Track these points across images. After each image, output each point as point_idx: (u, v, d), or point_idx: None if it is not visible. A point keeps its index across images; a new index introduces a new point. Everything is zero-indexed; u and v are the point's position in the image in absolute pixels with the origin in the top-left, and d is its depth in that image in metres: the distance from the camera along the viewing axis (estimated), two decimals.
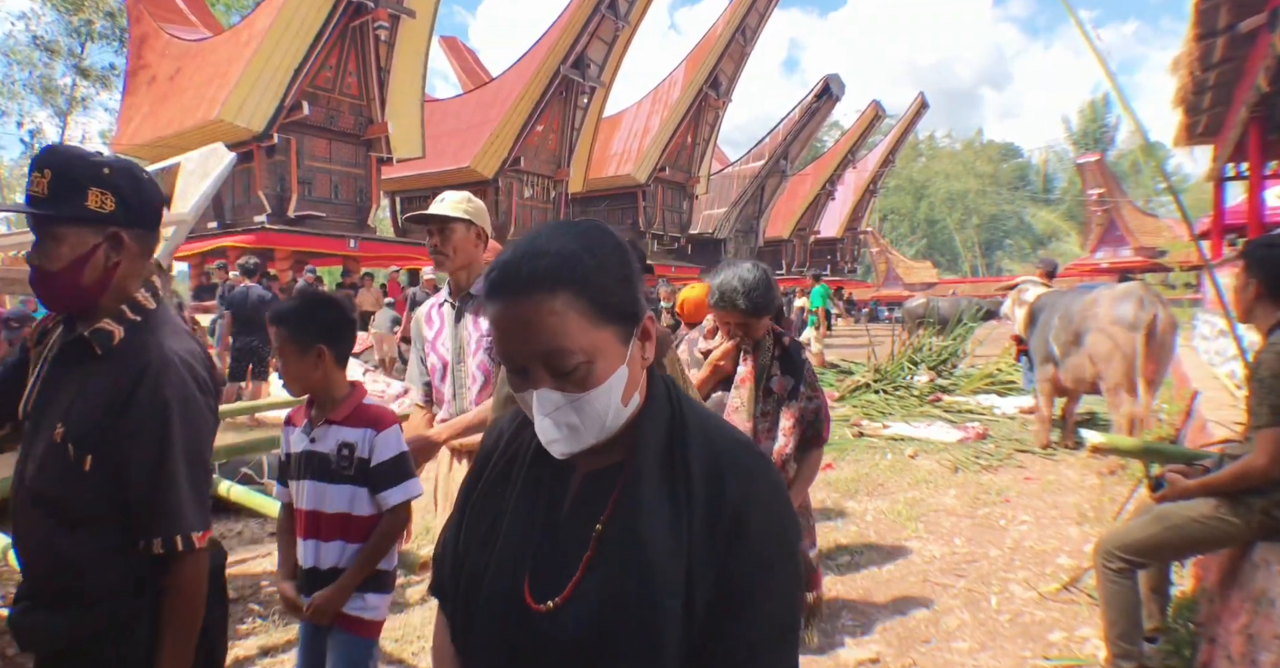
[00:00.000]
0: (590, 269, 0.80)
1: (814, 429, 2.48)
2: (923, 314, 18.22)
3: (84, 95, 30.88)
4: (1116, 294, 5.51)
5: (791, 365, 2.49)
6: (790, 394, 2.48)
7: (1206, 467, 2.60)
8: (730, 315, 2.45)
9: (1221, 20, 6.33)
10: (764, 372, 2.47)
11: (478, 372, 2.42)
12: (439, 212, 2.39)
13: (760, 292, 2.40)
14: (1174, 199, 3.46)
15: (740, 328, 2.45)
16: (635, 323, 0.85)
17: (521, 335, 0.79)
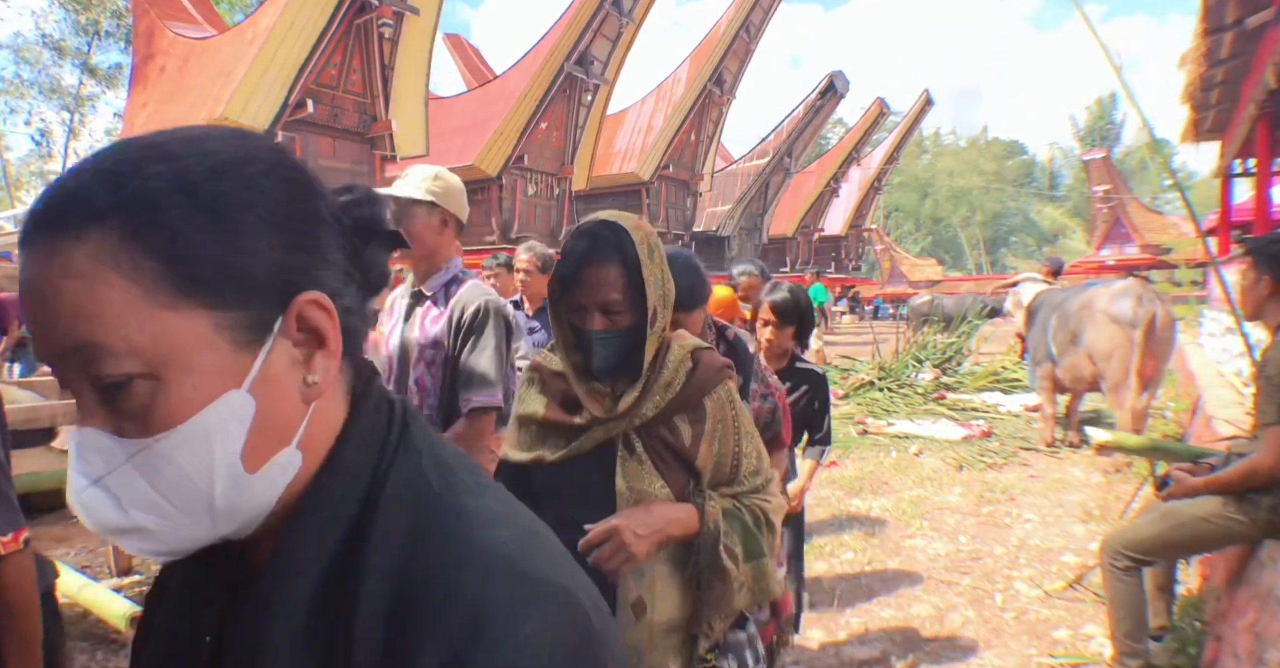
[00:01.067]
0: (167, 194, 0.44)
1: (771, 431, 2.19)
2: (927, 311, 18.18)
3: (90, 94, 30.97)
4: (1114, 292, 5.49)
5: (739, 361, 2.06)
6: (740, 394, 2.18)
7: (1213, 465, 2.59)
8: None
9: (1229, 16, 6.29)
10: None
11: (414, 387, 2.15)
12: (398, 192, 2.10)
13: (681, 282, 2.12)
14: (1180, 196, 3.45)
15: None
16: (275, 305, 0.48)
17: (36, 320, 0.45)
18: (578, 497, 1.30)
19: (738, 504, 1.34)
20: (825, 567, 3.82)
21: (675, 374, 1.30)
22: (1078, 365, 5.64)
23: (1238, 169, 10.26)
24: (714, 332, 2.11)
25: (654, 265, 1.26)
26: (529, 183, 21.79)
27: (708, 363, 1.34)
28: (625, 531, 1.17)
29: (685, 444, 1.31)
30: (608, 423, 1.27)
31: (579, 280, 1.24)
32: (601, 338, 1.25)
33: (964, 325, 10.51)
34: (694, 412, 1.32)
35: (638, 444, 1.28)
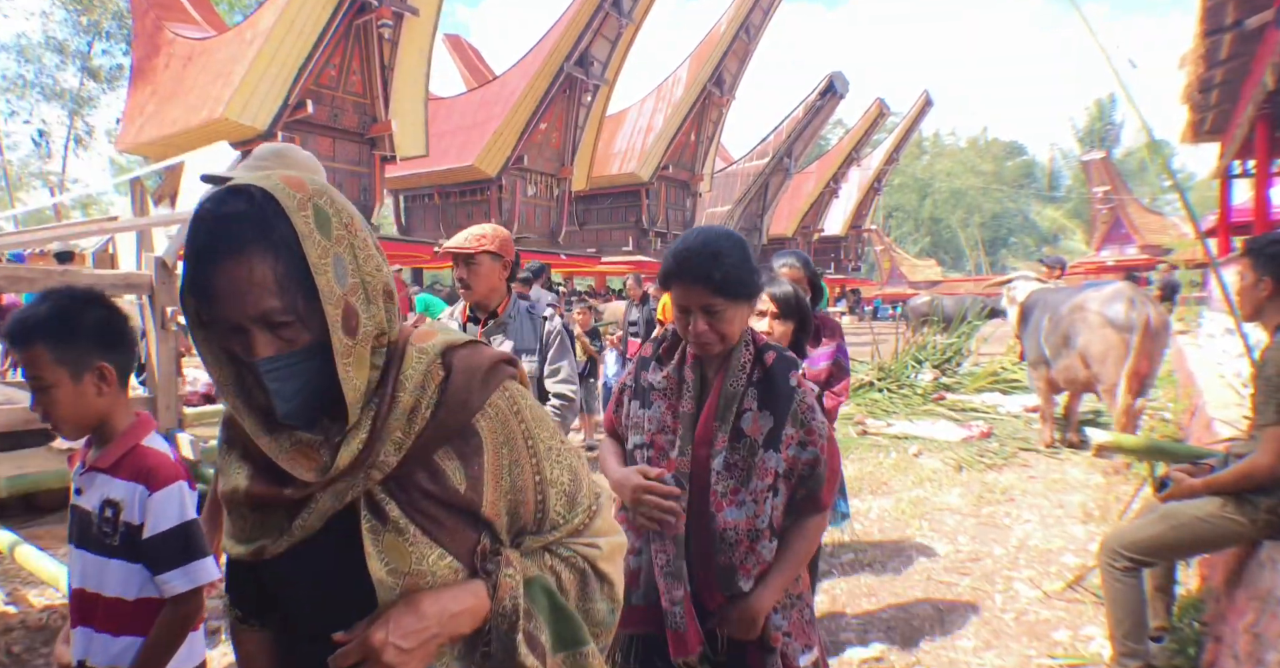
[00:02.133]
0: None
1: (808, 487, 1.59)
2: (927, 312, 18.20)
3: (91, 94, 31.00)
4: (1106, 295, 5.51)
5: (773, 395, 1.56)
6: (769, 440, 1.54)
7: (1212, 465, 2.59)
8: (692, 293, 1.53)
9: (1229, 17, 6.29)
10: (732, 403, 1.56)
11: None
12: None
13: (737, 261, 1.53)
14: (1180, 197, 3.45)
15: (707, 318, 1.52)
16: None
17: None
18: (321, 597, 0.93)
19: (552, 560, 0.98)
20: (825, 567, 3.82)
21: (421, 394, 0.89)
22: (1071, 367, 5.66)
23: (1237, 170, 10.27)
24: (752, 348, 1.61)
25: (331, 241, 0.85)
26: (528, 183, 21.80)
27: (468, 365, 0.93)
28: (385, 647, 0.83)
29: (458, 489, 0.90)
30: (335, 486, 0.87)
31: (211, 290, 0.81)
32: (272, 368, 0.83)
33: (963, 326, 10.52)
34: (463, 440, 0.92)
35: (390, 506, 0.87)
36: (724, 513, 1.53)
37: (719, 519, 1.52)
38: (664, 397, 1.61)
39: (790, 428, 1.54)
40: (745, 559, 1.52)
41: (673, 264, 1.51)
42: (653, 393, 1.63)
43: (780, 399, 1.54)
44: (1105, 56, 3.10)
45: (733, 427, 1.55)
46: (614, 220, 26.14)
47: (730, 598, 1.52)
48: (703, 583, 1.54)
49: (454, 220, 21.73)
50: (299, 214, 0.82)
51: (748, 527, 1.52)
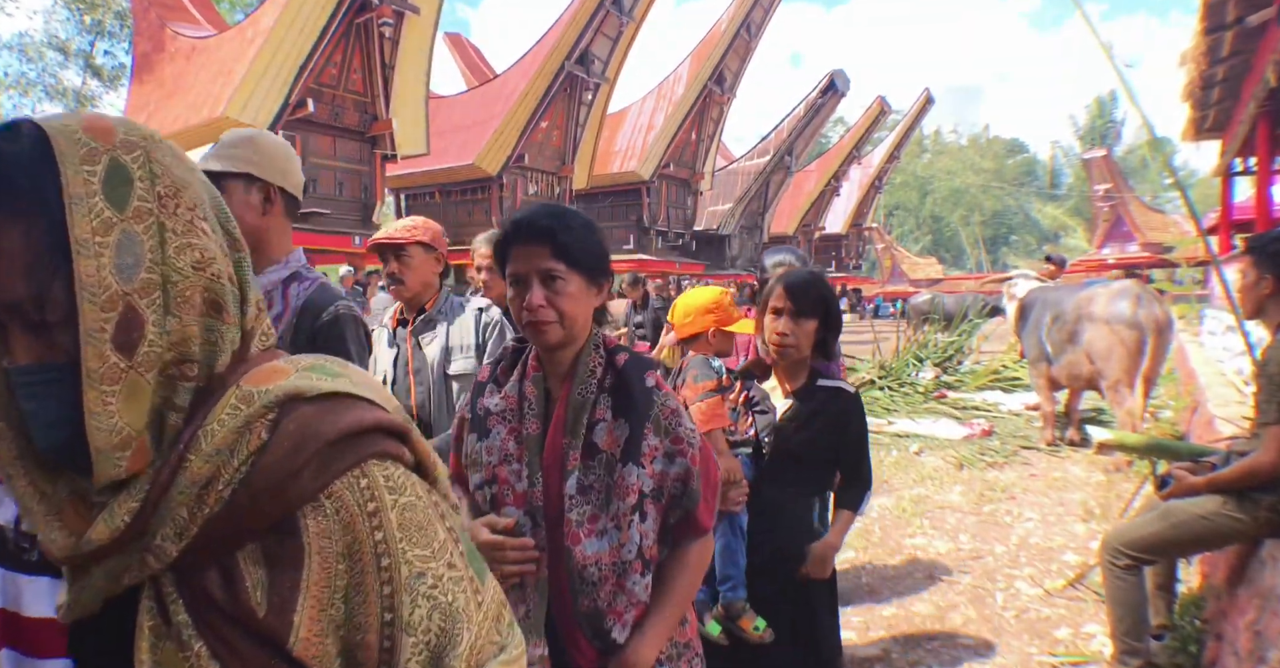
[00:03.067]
0: None
1: (682, 508, 1.32)
2: (928, 310, 18.19)
3: (93, 93, 31.03)
4: (1113, 292, 5.52)
5: (628, 400, 1.31)
6: (627, 452, 1.28)
7: (1213, 463, 2.59)
8: (530, 255, 1.30)
9: (1230, 14, 6.28)
10: (581, 413, 1.30)
11: None
12: (207, 165, 1.65)
13: (584, 230, 1.35)
14: (1181, 194, 3.45)
15: (545, 288, 1.28)
16: None
17: None
18: None
19: None
20: None
21: (222, 463, 0.61)
22: (1075, 364, 5.66)
23: (1238, 167, 10.25)
24: (602, 351, 1.36)
25: (124, 212, 0.61)
26: (529, 182, 21.78)
27: (306, 430, 0.63)
28: None
29: (254, 611, 0.62)
30: (106, 563, 0.61)
31: None
32: (26, 381, 0.61)
33: (964, 324, 10.52)
34: (277, 541, 0.63)
35: (177, 607, 0.61)
36: (582, 546, 1.25)
37: (577, 554, 1.24)
38: (503, 421, 1.34)
39: (653, 437, 1.28)
40: (614, 600, 1.25)
41: (510, 227, 1.32)
42: (490, 419, 1.34)
43: (636, 404, 1.29)
44: (1106, 54, 3.10)
45: (585, 441, 1.28)
46: (615, 219, 26.12)
47: (603, 652, 1.25)
48: (568, 635, 1.26)
49: (455, 219, 21.72)
50: (79, 167, 0.59)
51: (612, 560, 1.25)
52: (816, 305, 2.00)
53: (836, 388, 2.06)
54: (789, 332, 1.99)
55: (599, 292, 1.35)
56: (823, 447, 2.04)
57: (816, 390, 2.06)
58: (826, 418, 2.03)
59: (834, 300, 2.04)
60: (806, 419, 2.04)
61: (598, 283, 1.33)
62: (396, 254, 2.30)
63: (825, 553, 2.01)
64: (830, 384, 2.07)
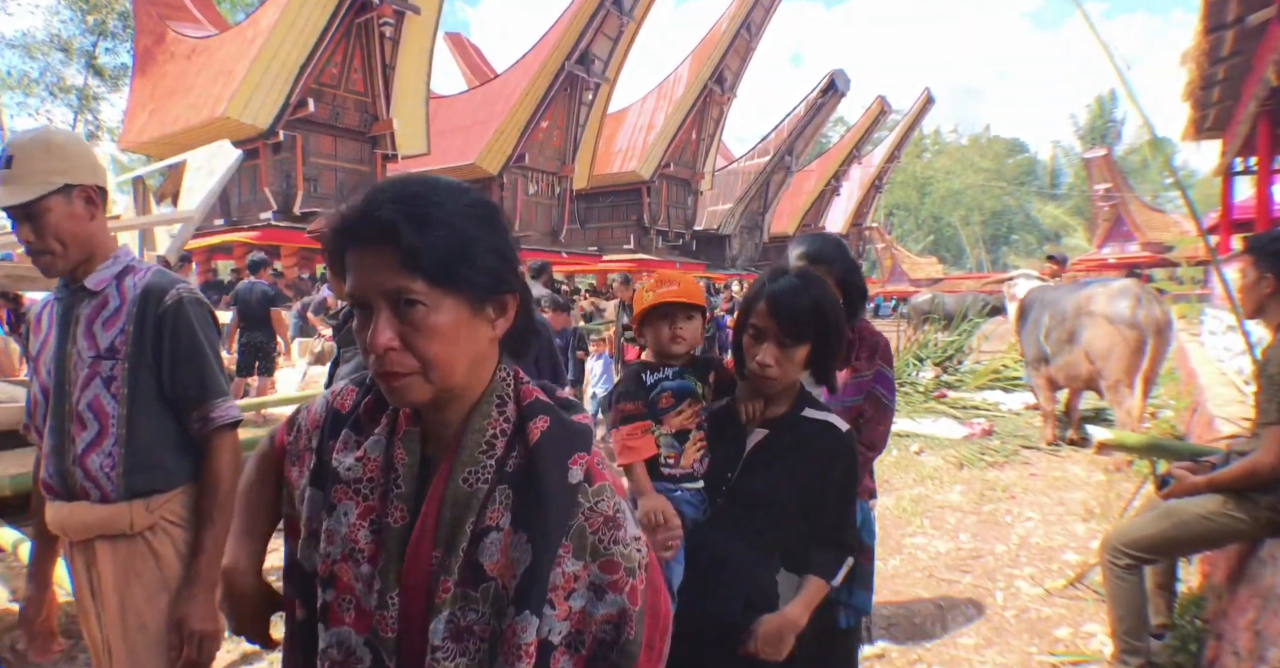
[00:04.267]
0: None
1: (612, 664, 0.83)
2: (928, 310, 18.20)
3: (95, 93, 31.06)
4: (1112, 291, 5.52)
5: (537, 501, 0.82)
6: (526, 587, 0.79)
7: (1213, 463, 2.59)
8: (371, 267, 0.81)
9: (1230, 13, 6.28)
10: (465, 513, 0.82)
11: (88, 414, 1.54)
12: (11, 200, 1.48)
13: (458, 219, 0.83)
14: (1181, 194, 3.45)
15: (397, 320, 0.79)
16: None
17: None
18: None
19: None
20: None
21: None
22: (1074, 364, 5.66)
23: (1239, 167, 10.25)
24: (509, 407, 0.88)
25: None
26: (530, 181, 21.80)
27: None
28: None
29: None
30: None
31: None
32: None
33: (965, 324, 10.52)
34: None
35: None
36: None
37: None
38: (357, 495, 0.86)
39: (571, 562, 0.80)
40: None
41: (339, 218, 0.82)
42: (338, 488, 0.87)
43: (549, 509, 0.80)
44: (1106, 53, 3.10)
45: (467, 560, 0.80)
46: (615, 219, 26.14)
47: None
48: None
49: None
50: None
51: None
52: (811, 328, 1.51)
53: (825, 422, 1.59)
54: (773, 362, 1.51)
55: (501, 315, 0.87)
56: (795, 492, 1.54)
57: (799, 422, 1.59)
58: (805, 457, 1.55)
59: (835, 316, 1.54)
60: (779, 455, 1.56)
61: (493, 303, 0.85)
62: None
63: (781, 631, 1.48)
64: (818, 416, 1.60)
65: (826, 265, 1.98)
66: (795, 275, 1.56)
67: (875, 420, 2.09)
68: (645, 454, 1.61)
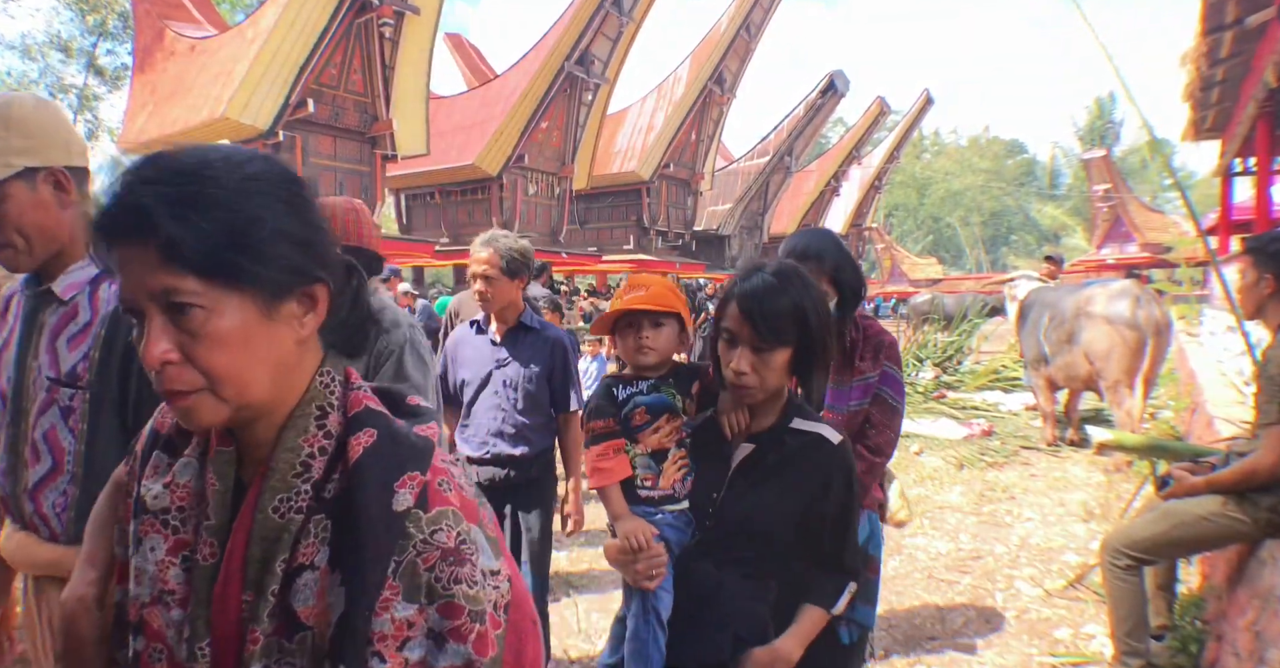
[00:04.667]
0: None
1: None
2: (928, 310, 18.22)
3: (95, 93, 31.09)
4: (1111, 292, 5.53)
5: (356, 532, 0.67)
6: (339, 642, 0.65)
7: (1213, 464, 2.59)
8: (135, 262, 0.66)
9: (1229, 15, 6.29)
10: (276, 549, 0.69)
11: (42, 444, 1.31)
12: None
13: (232, 190, 0.67)
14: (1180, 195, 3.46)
15: (174, 326, 0.66)
16: None
17: None
18: None
19: None
20: None
21: None
22: (1073, 365, 5.67)
23: (1238, 168, 10.26)
24: (333, 417, 0.74)
25: None
26: (529, 182, 21.79)
27: None
28: None
29: None
30: None
31: None
32: None
33: (964, 324, 10.52)
34: None
35: None
36: None
37: None
38: (164, 527, 0.75)
39: (403, 606, 0.64)
40: None
41: (100, 209, 0.67)
42: (145, 519, 0.76)
43: (365, 543, 0.66)
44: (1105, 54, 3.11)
45: (278, 605, 0.68)
46: (615, 219, 26.13)
47: None
48: None
49: (455, 219, 21.75)
50: None
51: None
52: (790, 329, 1.33)
53: (815, 435, 1.41)
54: (748, 369, 1.34)
55: (310, 311, 0.73)
56: (786, 513, 1.39)
57: (787, 435, 1.42)
58: (796, 473, 1.39)
59: (818, 317, 1.36)
60: (768, 472, 1.40)
61: (296, 297, 0.71)
62: None
63: (771, 665, 1.37)
64: (809, 427, 1.42)
65: (816, 261, 1.86)
66: (771, 272, 1.36)
67: (883, 425, 1.95)
68: (618, 476, 1.48)
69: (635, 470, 1.48)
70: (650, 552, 1.40)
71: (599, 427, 1.51)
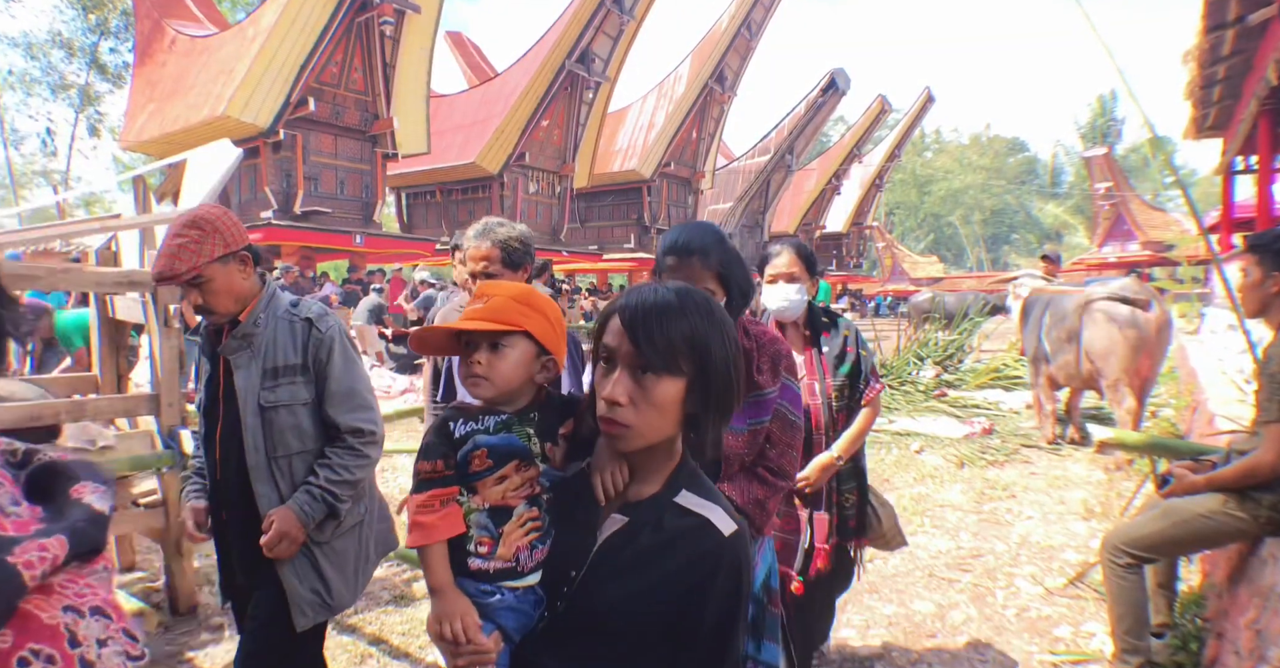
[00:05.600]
0: None
1: None
2: (929, 309, 18.21)
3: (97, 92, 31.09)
4: (1111, 291, 5.52)
5: None
6: None
7: (1214, 462, 2.59)
8: None
9: (1231, 12, 6.28)
10: None
11: None
12: None
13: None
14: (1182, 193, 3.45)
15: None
16: None
17: None
18: None
19: None
20: None
21: None
22: (1073, 363, 5.67)
23: (1240, 166, 10.24)
24: None
25: None
26: (530, 180, 21.79)
27: None
28: None
29: None
30: None
31: None
32: None
33: (965, 323, 10.51)
34: None
35: None
36: None
37: None
38: None
39: None
40: None
41: None
42: None
43: None
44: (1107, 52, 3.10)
45: None
46: (615, 218, 26.13)
47: None
48: None
49: (456, 217, 21.75)
50: None
51: None
52: (683, 355, 1.01)
53: (703, 520, 1.05)
54: (624, 398, 1.01)
55: None
56: (655, 613, 1.03)
57: (668, 512, 1.07)
58: (673, 566, 1.03)
59: (725, 348, 1.04)
60: (639, 558, 1.06)
61: None
62: (195, 284, 1.84)
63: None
64: (698, 508, 1.06)
65: (700, 257, 1.66)
66: (672, 289, 1.05)
67: (784, 444, 1.72)
68: (442, 533, 1.12)
69: (469, 530, 1.14)
70: (472, 648, 1.08)
71: (425, 470, 1.15)
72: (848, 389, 2.44)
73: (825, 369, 2.43)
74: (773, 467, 1.71)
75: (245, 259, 1.90)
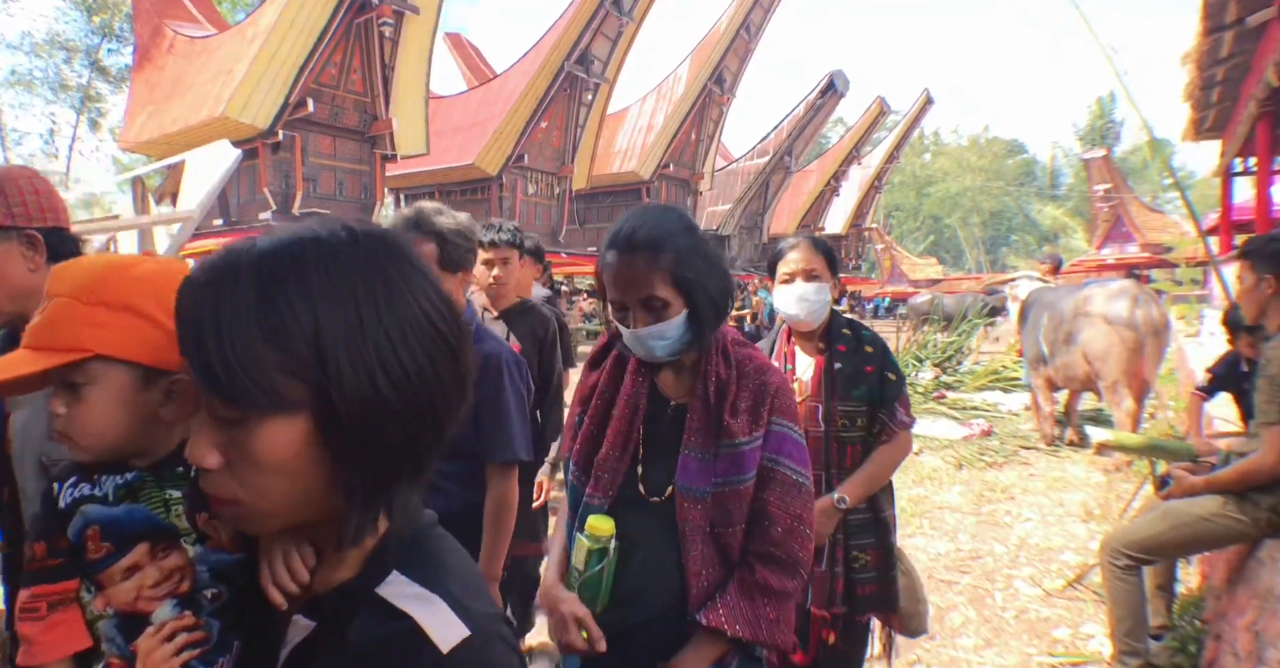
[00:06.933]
0: None
1: None
2: (927, 310, 18.22)
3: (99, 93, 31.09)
4: (1110, 292, 5.53)
5: None
6: None
7: (1213, 464, 2.59)
8: None
9: (1230, 14, 6.29)
10: None
11: None
12: None
13: None
14: (1181, 195, 3.46)
15: None
16: None
17: None
18: None
19: None
20: None
21: None
22: (1071, 365, 5.67)
23: (1238, 168, 10.25)
24: None
25: None
26: (529, 182, 21.79)
27: None
28: None
29: None
30: None
31: None
32: None
33: (964, 324, 10.52)
34: None
35: None
36: None
37: None
38: None
39: None
40: None
41: None
42: None
43: None
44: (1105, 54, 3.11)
45: None
46: (614, 219, 26.01)
47: None
48: None
49: None
50: None
51: None
52: (276, 371, 0.55)
53: (409, 628, 0.59)
54: (211, 462, 0.60)
55: None
56: None
57: (359, 616, 0.62)
58: None
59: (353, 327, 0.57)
60: None
61: None
62: None
63: None
64: (408, 606, 0.61)
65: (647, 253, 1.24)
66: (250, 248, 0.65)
67: (790, 517, 1.22)
68: (54, 652, 0.82)
69: (100, 646, 0.82)
70: None
71: (36, 556, 0.83)
72: (863, 418, 1.89)
73: (834, 389, 1.90)
74: (778, 556, 1.22)
75: (33, 241, 1.27)
